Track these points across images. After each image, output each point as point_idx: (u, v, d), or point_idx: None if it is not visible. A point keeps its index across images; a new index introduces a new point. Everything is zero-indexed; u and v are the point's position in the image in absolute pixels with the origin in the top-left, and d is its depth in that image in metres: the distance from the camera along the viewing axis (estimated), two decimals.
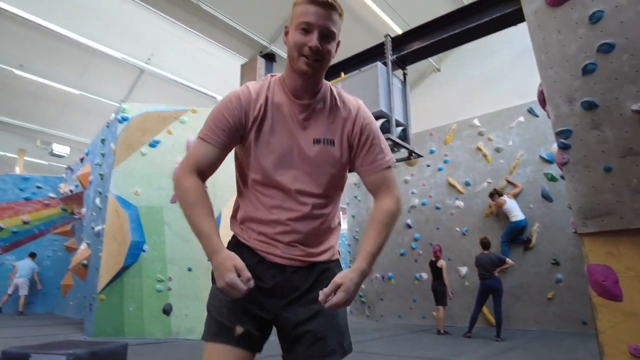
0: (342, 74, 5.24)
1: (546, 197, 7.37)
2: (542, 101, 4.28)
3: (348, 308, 9.15)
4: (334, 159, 1.28)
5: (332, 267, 1.33)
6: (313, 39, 1.17)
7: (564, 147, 3.90)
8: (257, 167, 1.27)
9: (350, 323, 7.13)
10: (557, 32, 3.74)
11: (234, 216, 1.37)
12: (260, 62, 8.06)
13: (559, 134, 3.92)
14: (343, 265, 1.35)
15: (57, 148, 15.28)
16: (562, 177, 4.42)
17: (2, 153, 17.38)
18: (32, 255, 10.38)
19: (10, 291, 9.97)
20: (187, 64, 12.42)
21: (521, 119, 7.94)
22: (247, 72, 8.18)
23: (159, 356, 4.62)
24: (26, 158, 17.06)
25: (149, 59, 12.25)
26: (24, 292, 9.98)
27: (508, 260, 6.54)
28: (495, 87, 11.33)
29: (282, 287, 1.25)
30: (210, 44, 11.23)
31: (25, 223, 10.85)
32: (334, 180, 1.31)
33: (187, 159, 1.25)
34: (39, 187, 11.11)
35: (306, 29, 1.18)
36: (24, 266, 10.10)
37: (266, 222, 1.26)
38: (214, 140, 1.24)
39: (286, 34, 1.25)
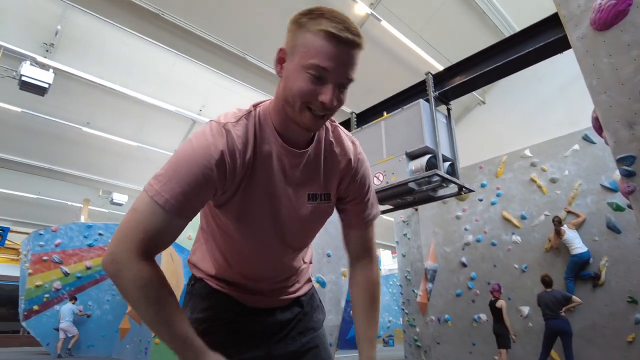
0: (385, 113, 5.31)
1: (612, 229, 6.83)
2: (598, 128, 4.07)
3: (403, 352, 8.73)
4: (328, 214, 1.11)
5: (311, 292, 1.28)
6: (328, 93, 0.88)
7: (628, 175, 3.65)
8: (234, 232, 1.04)
9: None
10: (608, 55, 3.62)
11: (197, 260, 1.15)
12: None
13: (620, 161, 3.69)
14: (395, 308, 1.36)
15: (117, 197, 16.37)
16: (630, 207, 4.11)
17: (70, 203, 18.79)
18: (73, 299, 10.86)
19: (61, 336, 10.46)
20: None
21: (576, 147, 7.56)
22: None
23: None
24: (90, 207, 18.36)
25: (201, 110, 13.06)
26: (71, 333, 10.48)
27: (575, 297, 6.02)
28: (544, 117, 10.96)
29: (271, 327, 1.14)
30: (256, 92, 11.87)
31: (88, 268, 11.50)
32: (319, 229, 1.16)
33: (133, 232, 0.86)
34: (100, 234, 11.83)
35: (319, 77, 0.87)
36: (65, 311, 10.58)
37: (245, 275, 1.11)
38: (179, 209, 0.88)
39: (281, 61, 0.94)
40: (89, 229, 11.92)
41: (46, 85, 9.95)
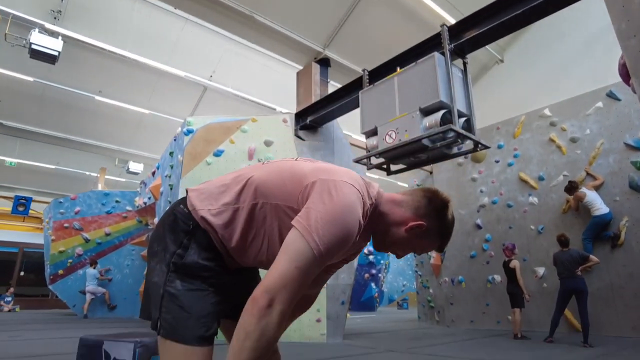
0: (398, 68, 5.10)
1: (635, 188, 6.62)
2: (625, 75, 3.84)
3: (417, 314, 8.87)
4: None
5: None
6: (420, 253, 1.33)
7: None
8: None
9: (418, 328, 6.90)
10: None
11: (215, 218, 1.15)
12: (315, 68, 8.13)
13: None
14: (409, 272, 1.49)
15: (133, 166, 16.59)
16: None
17: (88, 173, 19.14)
18: (94, 264, 11.29)
19: (88, 298, 11.03)
20: (246, 78, 12.94)
21: (599, 104, 7.25)
22: (302, 78, 8.29)
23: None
24: (106, 176, 18.69)
25: (211, 76, 12.90)
26: (99, 293, 11.17)
27: (592, 257, 5.90)
28: (566, 75, 10.50)
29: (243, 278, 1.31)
30: (267, 57, 11.63)
31: (107, 235, 11.81)
32: None
33: (299, 286, 0.99)
34: (117, 202, 12.05)
35: (426, 248, 1.29)
36: (89, 275, 11.11)
37: (246, 260, 1.22)
38: (324, 262, 1.04)
39: (414, 228, 1.21)
40: (106, 197, 12.15)
41: (56, 54, 9.89)
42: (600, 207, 6.66)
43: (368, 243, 1.36)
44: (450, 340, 6.25)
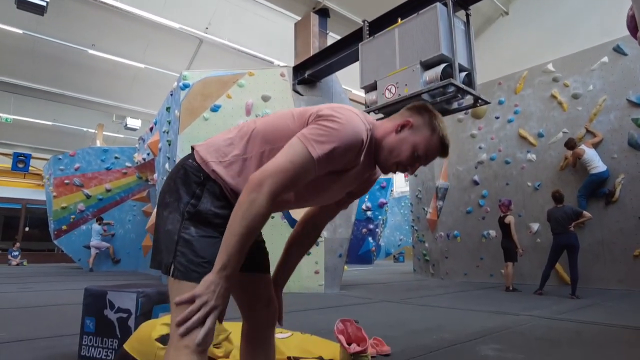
0: (399, 19, 4.93)
1: (634, 146, 6.61)
2: (633, 28, 3.72)
3: (412, 267, 9.13)
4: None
5: None
6: (415, 168, 1.27)
7: None
8: (307, 179, 1.16)
9: (413, 280, 7.11)
10: None
11: (226, 170, 1.19)
12: (314, 19, 7.85)
13: None
14: (406, 227, 1.47)
15: (131, 122, 16.42)
16: None
17: (85, 129, 19.00)
18: (99, 220, 11.52)
19: (93, 252, 11.31)
20: (243, 30, 12.53)
21: (604, 59, 7.08)
22: (301, 29, 8.03)
23: (231, 303, 4.91)
24: (104, 132, 18.56)
25: (207, 28, 12.50)
26: (103, 248, 11.48)
27: (585, 213, 5.99)
28: (573, 28, 10.17)
29: None
30: (264, 7, 11.19)
31: (108, 191, 11.91)
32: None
33: (288, 179, 1.07)
34: (117, 158, 12.06)
35: (418, 158, 1.25)
36: (94, 231, 11.37)
37: None
38: (320, 168, 1.12)
39: (403, 127, 1.24)
40: (105, 153, 12.14)
41: (44, 3, 9.54)
42: (597, 165, 6.68)
43: (376, 179, 1.46)
44: (443, 292, 6.48)
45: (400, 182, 25.90)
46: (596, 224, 6.83)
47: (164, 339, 1.97)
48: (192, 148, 1.28)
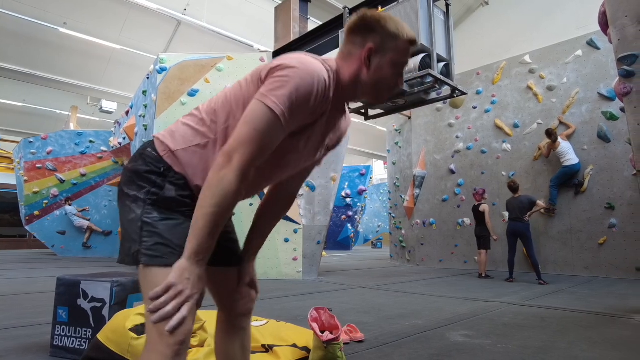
0: (380, 7, 4.92)
1: (603, 138, 6.85)
2: (604, 24, 3.84)
3: (389, 253, 9.26)
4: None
5: None
6: (402, 81, 1.19)
7: (626, 75, 3.52)
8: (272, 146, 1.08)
9: (390, 266, 7.23)
10: None
11: (189, 160, 1.12)
12: (295, 3, 7.72)
13: (621, 60, 3.54)
14: (385, 214, 1.44)
15: (106, 104, 15.95)
16: (623, 110, 4.03)
17: (58, 111, 18.37)
18: (68, 201, 11.42)
19: (83, 231, 11.46)
20: (222, 12, 12.26)
21: (579, 52, 7.25)
22: (281, 14, 7.90)
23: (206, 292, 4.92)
24: (79, 115, 17.99)
25: (185, 10, 12.17)
26: (85, 226, 11.48)
27: (539, 202, 6.31)
28: (551, 20, 10.35)
29: None
30: None
31: (82, 175, 11.62)
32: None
33: (256, 148, 0.99)
34: (92, 142, 11.74)
35: (402, 66, 1.15)
36: (69, 213, 11.36)
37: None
38: (288, 124, 1.02)
39: (369, 55, 1.11)
40: (79, 137, 11.79)
41: None
42: (570, 157, 6.90)
43: (348, 125, 1.35)
44: (419, 278, 6.64)
45: (379, 169, 26.14)
46: (565, 213, 7.09)
47: (138, 329, 1.97)
48: (153, 137, 1.19)
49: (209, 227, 0.97)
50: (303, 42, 6.57)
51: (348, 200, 15.88)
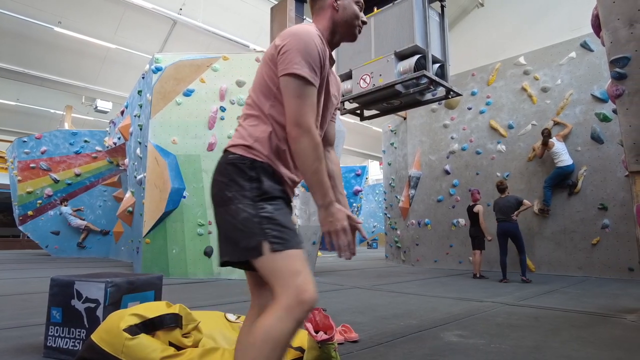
0: (375, 8, 4.94)
1: (596, 139, 6.90)
2: (597, 27, 3.87)
3: (384, 253, 9.27)
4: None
5: None
6: (363, 15, 1.44)
7: (618, 77, 3.56)
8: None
9: (385, 266, 7.24)
10: None
11: (260, 146, 1.28)
12: (291, 3, 7.71)
13: (614, 63, 3.57)
14: (380, 215, 1.55)
15: (101, 104, 15.85)
16: (615, 112, 4.07)
17: (53, 111, 18.25)
18: (64, 202, 11.33)
19: (81, 230, 11.43)
20: (218, 12, 12.23)
21: (572, 54, 7.31)
22: (277, 14, 7.90)
23: (202, 293, 4.92)
24: (73, 115, 17.88)
25: (181, 9, 12.14)
26: (82, 226, 11.43)
27: (526, 201, 6.36)
28: (545, 22, 10.43)
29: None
30: None
31: (77, 175, 11.55)
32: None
33: (309, 108, 1.22)
34: (86, 141, 11.68)
35: (361, 6, 1.43)
36: (65, 214, 11.27)
37: (284, 154, 1.33)
38: (315, 82, 1.24)
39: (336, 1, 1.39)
40: (74, 136, 11.72)
41: None
42: (564, 158, 6.95)
43: (339, 82, 1.57)
44: (413, 278, 6.66)
45: (375, 170, 26.17)
46: (559, 214, 7.14)
47: (132, 330, 1.97)
48: (225, 150, 1.34)
49: (320, 180, 1.20)
50: None
51: None
